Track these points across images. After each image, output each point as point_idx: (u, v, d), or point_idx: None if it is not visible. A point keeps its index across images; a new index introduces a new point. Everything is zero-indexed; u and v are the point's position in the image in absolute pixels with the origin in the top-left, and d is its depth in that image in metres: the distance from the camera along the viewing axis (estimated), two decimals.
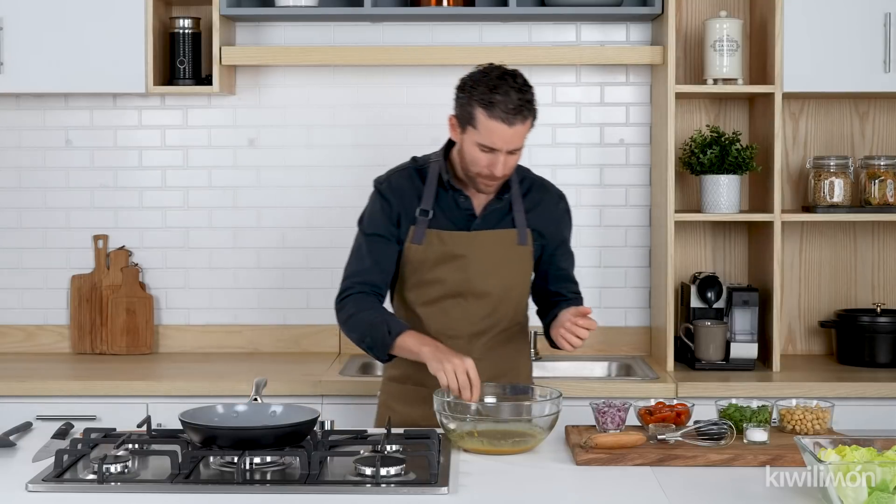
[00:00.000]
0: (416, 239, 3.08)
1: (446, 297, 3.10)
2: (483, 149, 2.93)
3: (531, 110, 2.94)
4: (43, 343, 4.29)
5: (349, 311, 3.05)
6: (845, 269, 4.26)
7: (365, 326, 3.01)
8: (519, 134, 2.93)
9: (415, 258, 3.09)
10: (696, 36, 4.19)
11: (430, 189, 3.08)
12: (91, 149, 4.29)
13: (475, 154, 2.95)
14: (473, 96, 2.93)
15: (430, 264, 3.09)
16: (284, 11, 4.07)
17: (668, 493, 2.40)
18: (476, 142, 2.93)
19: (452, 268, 3.09)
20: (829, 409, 2.84)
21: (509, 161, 2.96)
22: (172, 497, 2.38)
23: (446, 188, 3.08)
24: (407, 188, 3.10)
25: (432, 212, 3.08)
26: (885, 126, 4.23)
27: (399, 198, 3.09)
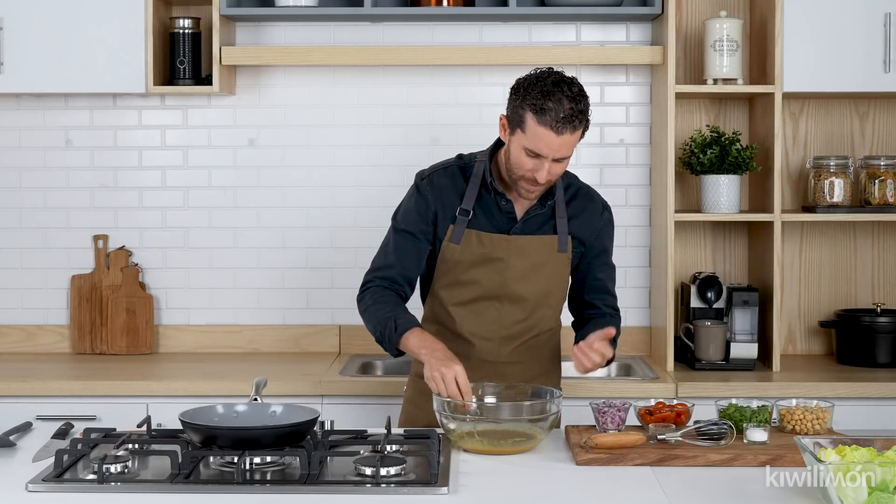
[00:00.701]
0: (454, 238, 3.05)
1: (481, 298, 3.08)
2: (529, 154, 2.90)
3: (582, 121, 2.89)
4: (43, 343, 4.29)
5: (366, 304, 3.06)
6: (845, 269, 4.26)
7: (377, 320, 3.01)
8: (567, 143, 2.89)
9: (451, 257, 3.07)
10: (696, 36, 4.19)
11: (473, 189, 3.05)
12: (91, 149, 4.29)
13: (521, 158, 2.91)
14: (526, 100, 2.88)
15: (467, 265, 3.07)
16: (284, 11, 4.07)
17: (668, 493, 2.40)
18: (523, 146, 2.90)
19: (490, 270, 3.06)
20: (829, 409, 2.84)
21: (554, 169, 2.92)
22: (172, 497, 2.38)
23: (489, 190, 3.05)
24: (448, 186, 3.07)
25: (472, 212, 3.05)
26: (885, 126, 4.23)
27: (438, 196, 3.06)
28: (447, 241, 3.05)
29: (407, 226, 3.07)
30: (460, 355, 2.94)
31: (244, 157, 4.30)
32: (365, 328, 3.10)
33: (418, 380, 3.17)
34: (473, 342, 3.09)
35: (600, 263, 3.20)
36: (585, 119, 2.91)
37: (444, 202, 3.06)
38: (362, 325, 4.14)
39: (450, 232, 3.05)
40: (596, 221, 3.17)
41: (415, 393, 3.20)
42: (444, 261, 3.08)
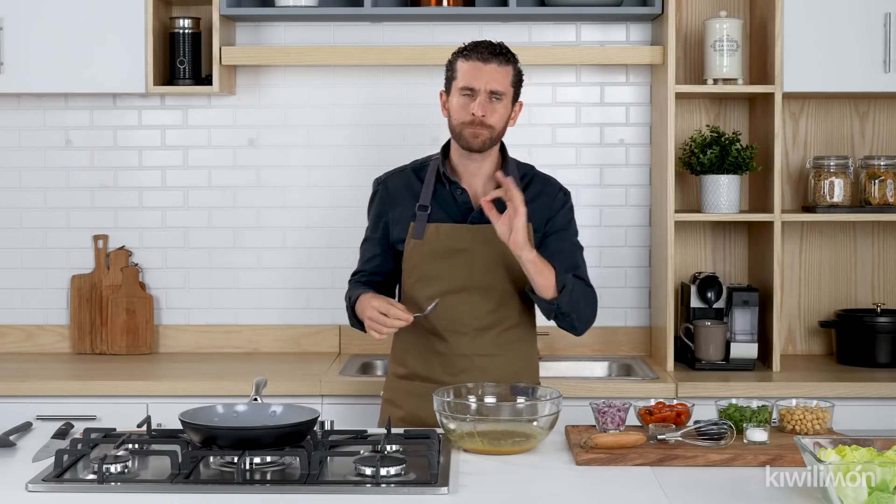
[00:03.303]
0: (416, 234, 3.11)
1: (450, 292, 3.10)
2: (464, 93, 3.02)
3: (508, 57, 3.05)
4: (43, 343, 4.29)
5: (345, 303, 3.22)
6: (845, 269, 4.26)
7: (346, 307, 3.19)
8: (498, 74, 3.02)
9: (416, 253, 3.11)
10: (696, 36, 4.19)
11: (428, 185, 3.13)
12: (91, 149, 4.29)
13: (458, 103, 3.04)
14: (454, 55, 3.09)
15: (432, 259, 3.10)
16: (284, 11, 4.07)
17: (668, 493, 2.40)
18: (458, 89, 3.03)
19: (455, 262, 3.10)
20: (829, 409, 2.84)
21: (491, 107, 3.01)
22: (172, 497, 2.38)
23: (444, 183, 3.12)
24: (402, 188, 3.17)
25: (430, 207, 3.11)
26: (885, 126, 4.23)
27: (391, 198, 3.17)
28: (410, 238, 3.11)
29: (370, 232, 3.25)
30: (437, 352, 3.11)
31: (244, 157, 4.30)
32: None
33: (398, 380, 3.22)
34: (447, 337, 3.11)
35: (559, 239, 3.16)
36: (512, 56, 3.07)
37: (399, 203, 3.15)
38: None
39: (411, 229, 3.11)
40: (552, 203, 3.18)
41: (393, 394, 3.22)
42: (409, 259, 3.13)
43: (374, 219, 3.23)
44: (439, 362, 3.14)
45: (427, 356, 3.15)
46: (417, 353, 3.17)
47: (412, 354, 3.18)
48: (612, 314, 4.28)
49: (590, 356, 4.22)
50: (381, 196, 3.20)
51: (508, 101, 3.07)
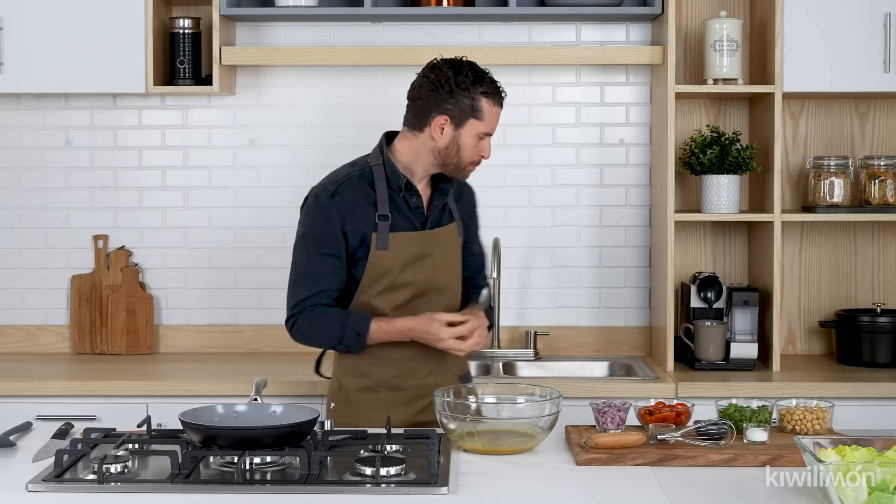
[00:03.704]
0: (381, 245, 3.08)
1: (415, 297, 3.13)
2: (481, 136, 3.08)
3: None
4: (43, 343, 4.29)
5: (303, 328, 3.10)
6: (845, 269, 4.26)
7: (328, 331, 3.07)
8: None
9: (383, 264, 3.09)
10: (696, 36, 4.19)
11: (383, 193, 3.10)
12: (91, 149, 4.29)
13: (474, 145, 3.09)
14: (475, 91, 3.07)
15: (399, 267, 3.10)
16: (284, 11, 4.07)
17: (668, 493, 2.40)
18: (478, 132, 3.08)
19: (420, 267, 3.13)
20: (829, 409, 2.84)
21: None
22: (172, 497, 2.38)
23: (396, 190, 3.11)
24: (358, 197, 3.10)
25: (389, 215, 3.09)
26: (885, 126, 4.23)
27: (349, 210, 3.08)
28: (375, 250, 3.07)
29: (330, 247, 3.08)
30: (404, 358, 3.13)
31: (244, 157, 4.30)
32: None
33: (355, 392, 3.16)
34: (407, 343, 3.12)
35: (476, 239, 3.36)
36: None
37: (357, 214, 3.08)
38: None
39: (375, 240, 3.07)
40: (471, 201, 3.33)
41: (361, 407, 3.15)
42: (374, 269, 3.09)
43: (334, 232, 3.07)
44: (408, 368, 3.14)
45: (392, 364, 3.14)
46: (379, 362, 3.14)
47: (372, 365, 3.14)
48: (612, 314, 4.28)
49: (590, 356, 4.22)
50: (338, 208, 3.07)
51: None
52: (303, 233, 3.12)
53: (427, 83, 3.11)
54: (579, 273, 4.29)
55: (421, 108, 3.12)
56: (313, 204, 3.11)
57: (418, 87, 3.14)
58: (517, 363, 4.13)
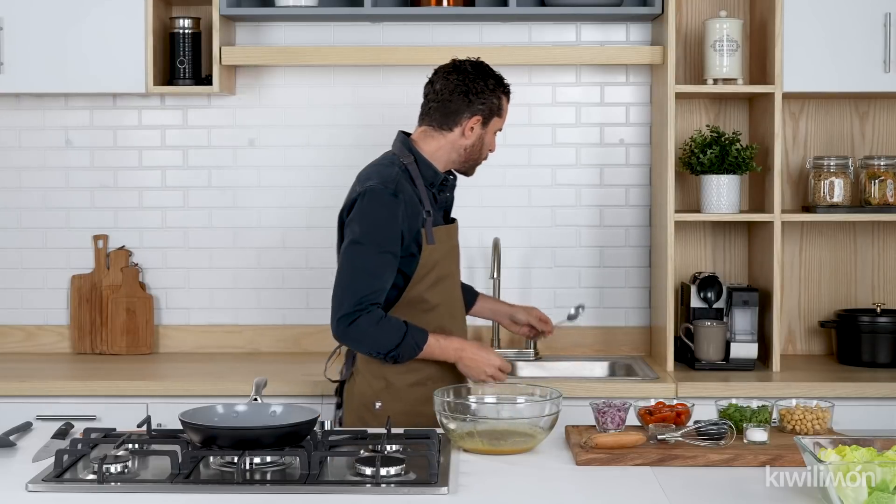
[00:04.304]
0: (430, 239, 3.22)
1: (454, 287, 3.34)
2: (496, 132, 3.33)
3: None
4: (43, 343, 4.29)
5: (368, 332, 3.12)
6: (845, 269, 4.26)
7: (390, 344, 3.14)
8: None
9: (433, 258, 3.24)
10: (696, 36, 4.19)
11: (423, 190, 3.24)
12: (91, 149, 4.29)
13: (492, 141, 3.33)
14: (497, 90, 3.30)
15: (443, 259, 3.26)
16: (284, 11, 4.07)
17: (668, 493, 2.41)
18: (497, 128, 3.32)
19: (454, 258, 3.36)
20: (829, 409, 2.84)
21: None
22: (172, 497, 2.38)
23: (429, 186, 3.27)
24: (411, 194, 3.21)
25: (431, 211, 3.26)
26: (885, 126, 4.23)
27: (407, 208, 3.18)
28: (426, 244, 3.20)
29: (391, 245, 3.15)
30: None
31: (244, 157, 4.30)
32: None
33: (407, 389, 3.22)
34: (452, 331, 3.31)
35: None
36: None
37: (411, 211, 3.20)
38: None
39: (425, 236, 3.20)
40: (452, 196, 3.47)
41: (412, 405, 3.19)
42: (425, 264, 3.22)
43: (395, 231, 3.15)
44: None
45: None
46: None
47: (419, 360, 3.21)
48: (612, 314, 4.28)
49: (590, 356, 4.22)
50: (401, 208, 3.15)
51: None
52: (364, 230, 3.14)
53: (458, 86, 3.26)
54: (579, 273, 4.29)
55: (452, 110, 3.26)
56: (377, 202, 3.14)
57: (446, 90, 3.26)
58: (517, 363, 4.13)
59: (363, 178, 3.22)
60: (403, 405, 3.20)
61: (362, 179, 3.22)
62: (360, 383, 3.26)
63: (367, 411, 3.23)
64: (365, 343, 3.15)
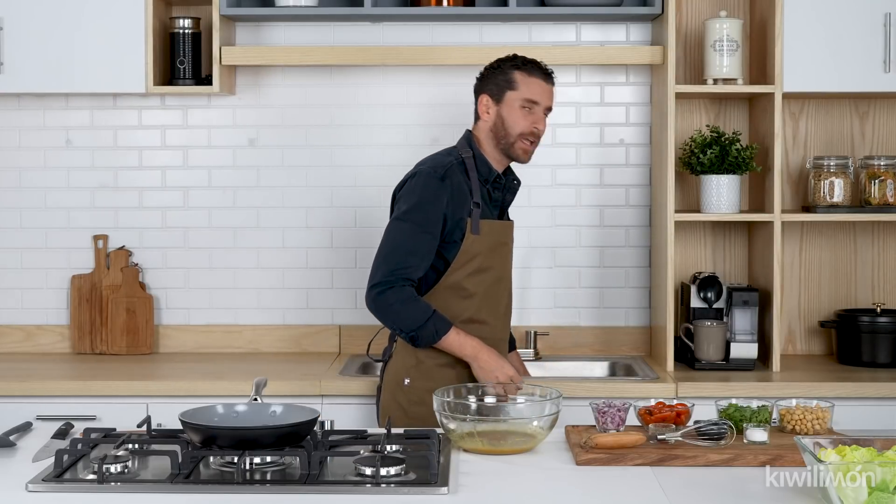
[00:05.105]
0: (474, 230, 3.30)
1: (496, 281, 3.37)
2: (525, 105, 3.33)
3: (554, 80, 3.41)
4: (43, 343, 4.29)
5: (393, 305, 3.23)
6: (845, 269, 4.26)
7: (411, 323, 3.24)
8: (552, 96, 3.39)
9: (474, 248, 3.31)
10: (696, 36, 4.19)
11: (476, 183, 3.33)
12: (91, 149, 4.29)
13: (517, 115, 3.33)
14: (506, 66, 3.36)
15: (487, 252, 3.33)
16: (284, 11, 4.07)
17: (668, 493, 2.40)
18: (519, 100, 3.33)
19: (500, 254, 3.40)
20: (829, 409, 2.84)
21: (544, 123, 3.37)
22: (172, 497, 2.38)
23: (484, 181, 3.35)
24: (461, 183, 3.32)
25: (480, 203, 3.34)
26: (885, 126, 4.23)
27: (454, 194, 3.29)
28: (469, 233, 3.30)
29: (432, 227, 3.27)
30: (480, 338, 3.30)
31: (244, 157, 4.30)
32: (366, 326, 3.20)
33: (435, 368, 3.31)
34: (489, 321, 3.38)
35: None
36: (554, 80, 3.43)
37: (458, 199, 3.30)
38: (362, 325, 4.16)
39: (469, 225, 3.29)
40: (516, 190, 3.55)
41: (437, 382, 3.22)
42: (466, 252, 3.31)
43: (437, 214, 3.27)
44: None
45: None
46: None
47: None
48: (612, 314, 4.28)
49: (590, 356, 4.22)
50: (446, 192, 3.27)
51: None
52: (408, 208, 3.28)
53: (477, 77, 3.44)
54: (579, 273, 4.29)
55: (474, 99, 3.42)
56: (423, 183, 3.29)
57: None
58: None
59: (420, 163, 3.38)
60: (433, 383, 3.23)
61: (418, 164, 3.38)
62: (395, 361, 3.39)
63: (398, 387, 3.35)
64: (389, 316, 3.26)
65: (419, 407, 3.27)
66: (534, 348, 4.17)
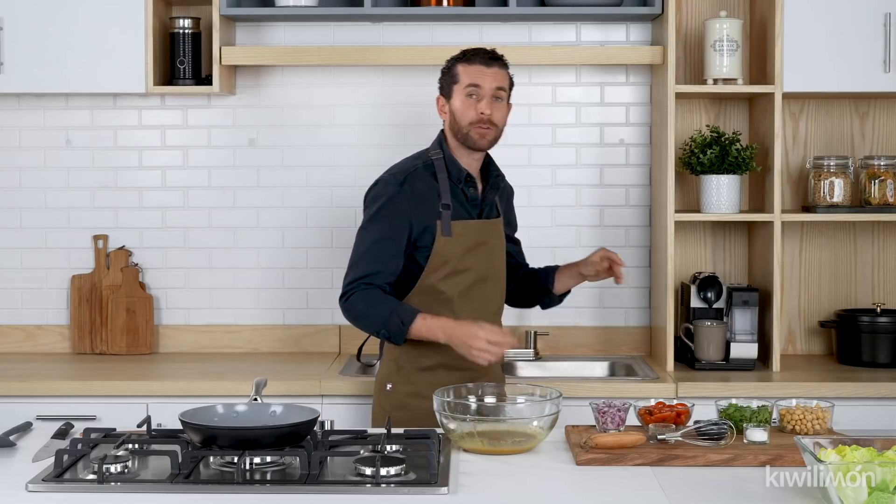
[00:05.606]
0: (445, 232, 3.25)
1: (476, 283, 3.30)
2: (469, 92, 3.24)
3: (506, 63, 3.30)
4: (43, 343, 4.29)
5: (356, 306, 3.22)
6: (845, 269, 4.26)
7: (377, 317, 3.19)
8: (500, 77, 3.27)
9: (446, 250, 3.25)
10: (696, 36, 4.19)
11: (445, 184, 3.28)
12: (91, 149, 4.29)
13: (464, 104, 3.25)
14: (451, 63, 3.31)
15: (461, 253, 3.27)
16: (284, 11, 4.07)
17: (668, 493, 2.40)
18: (463, 90, 3.25)
19: (480, 254, 3.30)
20: (829, 409, 2.84)
21: (496, 107, 3.25)
22: (172, 497, 2.38)
23: (456, 182, 3.29)
24: (424, 187, 3.27)
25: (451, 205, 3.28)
26: (885, 126, 4.23)
27: (418, 199, 3.25)
28: (440, 236, 3.24)
29: (395, 232, 3.24)
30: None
31: (244, 157, 4.30)
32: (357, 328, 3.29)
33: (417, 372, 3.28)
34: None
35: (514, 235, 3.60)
36: (507, 64, 3.31)
37: (424, 203, 3.25)
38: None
39: (439, 228, 3.24)
40: (510, 199, 3.55)
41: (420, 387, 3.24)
42: (438, 255, 3.25)
43: (397, 219, 3.23)
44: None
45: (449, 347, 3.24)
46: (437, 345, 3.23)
47: (432, 346, 3.24)
48: (612, 314, 4.28)
49: (590, 356, 4.22)
50: (406, 197, 3.24)
51: (506, 102, 3.31)
52: (369, 216, 3.29)
53: None
54: None
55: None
56: (382, 190, 3.28)
57: None
58: (517, 363, 4.13)
59: (387, 169, 3.37)
60: (413, 387, 3.27)
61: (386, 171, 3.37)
62: (381, 366, 3.40)
63: (382, 392, 3.34)
64: (360, 320, 3.25)
65: (400, 412, 3.24)
66: (534, 348, 4.17)
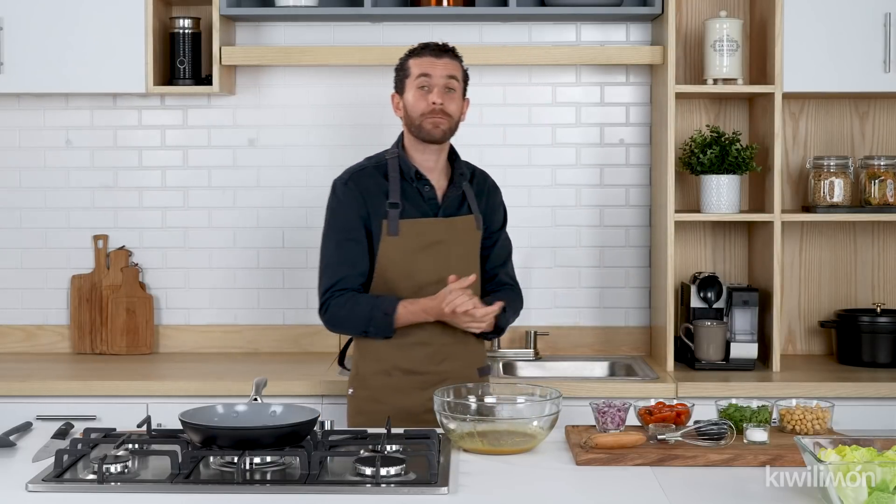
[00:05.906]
0: (391, 231, 3.20)
1: (429, 283, 3.21)
2: (420, 84, 3.20)
3: (457, 55, 3.26)
4: (43, 343, 4.29)
5: (336, 313, 3.21)
6: (845, 269, 4.26)
7: (358, 317, 3.18)
8: (451, 67, 3.23)
9: (394, 249, 3.20)
10: (696, 36, 4.19)
11: (395, 183, 3.23)
12: (91, 149, 4.29)
13: (416, 97, 3.20)
14: (402, 60, 3.28)
15: (410, 253, 3.21)
16: (284, 11, 4.07)
17: (668, 493, 2.40)
18: (414, 82, 3.21)
19: (431, 255, 3.22)
20: (829, 409, 2.84)
21: (448, 98, 3.20)
22: (172, 497, 2.38)
23: (409, 180, 3.24)
24: (372, 186, 3.24)
25: (401, 203, 3.21)
26: (885, 126, 4.23)
27: (365, 197, 3.22)
28: (385, 236, 3.20)
29: (353, 232, 3.22)
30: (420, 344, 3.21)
31: (244, 157, 4.30)
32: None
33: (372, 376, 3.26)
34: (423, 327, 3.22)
35: (501, 238, 3.42)
36: (459, 55, 3.27)
37: (371, 202, 3.22)
38: None
39: (385, 227, 3.20)
40: (494, 200, 3.40)
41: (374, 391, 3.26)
42: (385, 255, 3.22)
43: (353, 218, 3.23)
44: (424, 354, 3.23)
45: (408, 349, 3.23)
46: (395, 348, 3.22)
47: (388, 349, 3.23)
48: (612, 314, 4.28)
49: (590, 356, 4.22)
50: (354, 195, 3.23)
51: (461, 93, 3.27)
52: (327, 220, 3.30)
53: None
54: (579, 273, 4.29)
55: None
56: (332, 194, 3.30)
57: None
58: (517, 363, 4.13)
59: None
60: (369, 392, 3.26)
61: None
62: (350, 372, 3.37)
63: (348, 396, 3.34)
64: (344, 325, 3.24)
65: (359, 416, 3.25)
66: (534, 348, 4.17)
